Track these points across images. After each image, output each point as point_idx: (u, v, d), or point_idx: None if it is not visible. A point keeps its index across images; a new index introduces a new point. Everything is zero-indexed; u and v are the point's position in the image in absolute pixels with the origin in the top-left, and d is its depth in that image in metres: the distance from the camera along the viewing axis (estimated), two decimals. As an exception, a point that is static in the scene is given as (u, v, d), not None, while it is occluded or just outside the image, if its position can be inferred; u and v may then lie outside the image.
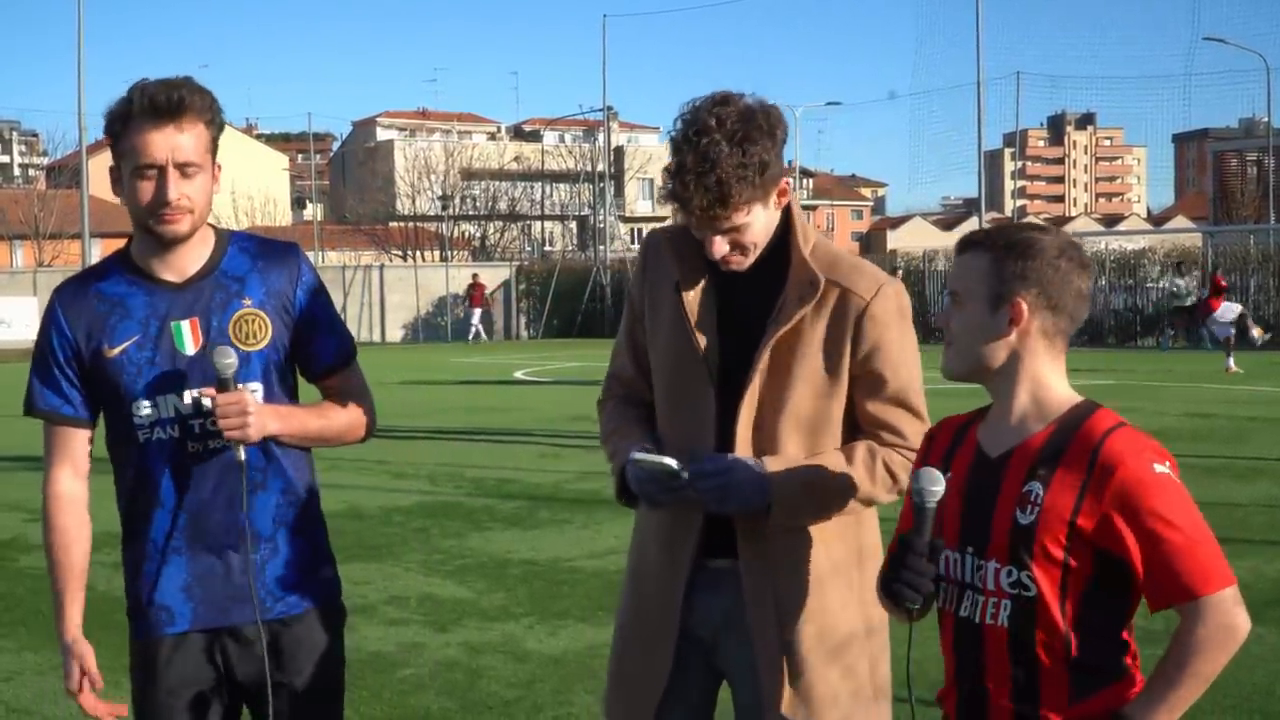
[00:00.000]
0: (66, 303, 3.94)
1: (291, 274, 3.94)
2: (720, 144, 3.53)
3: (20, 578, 10.85)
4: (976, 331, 3.19)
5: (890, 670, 3.99)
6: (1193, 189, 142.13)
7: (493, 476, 14.99)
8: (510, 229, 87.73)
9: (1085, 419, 3.15)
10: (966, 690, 3.22)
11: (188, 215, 3.76)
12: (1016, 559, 3.10)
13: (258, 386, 3.86)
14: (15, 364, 42.02)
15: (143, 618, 4.00)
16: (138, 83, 3.75)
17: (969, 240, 3.25)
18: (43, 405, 4.00)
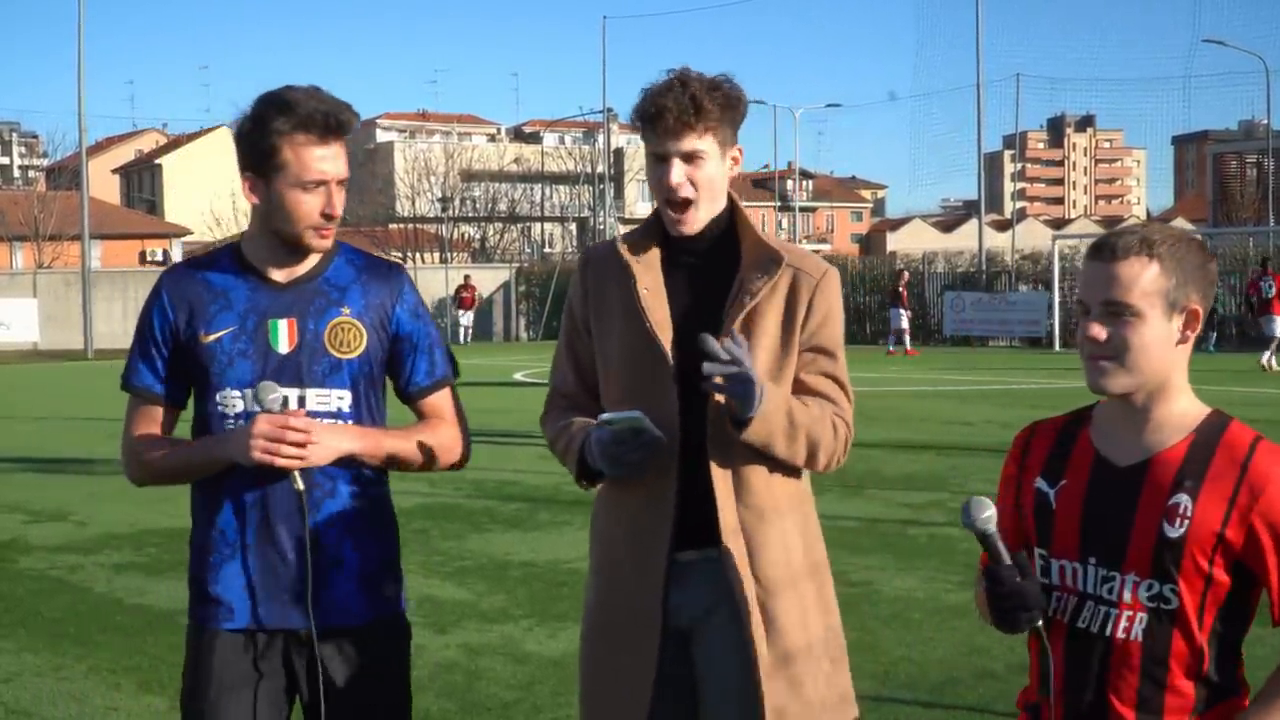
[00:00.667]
0: (172, 285, 4.02)
1: (393, 291, 4.01)
2: (696, 78, 3.82)
3: (20, 579, 10.84)
4: (1155, 344, 3.06)
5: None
6: (1192, 191, 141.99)
7: (492, 478, 14.98)
8: (510, 230, 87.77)
9: (1224, 429, 3.11)
10: (1081, 701, 3.16)
11: (331, 227, 3.88)
12: (1161, 572, 3.05)
13: (345, 394, 3.91)
14: (15, 365, 42.16)
15: (202, 607, 3.98)
16: (287, 94, 3.82)
17: (1122, 247, 3.07)
18: (136, 383, 4.04)
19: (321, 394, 3.89)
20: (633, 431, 3.72)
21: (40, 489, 15.20)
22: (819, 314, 3.89)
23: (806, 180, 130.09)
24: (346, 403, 3.91)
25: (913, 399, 25.48)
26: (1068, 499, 3.17)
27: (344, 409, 3.90)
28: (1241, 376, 29.23)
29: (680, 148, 3.80)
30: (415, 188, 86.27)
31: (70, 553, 11.76)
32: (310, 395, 3.88)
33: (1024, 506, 3.29)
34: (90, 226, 51.33)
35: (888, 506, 13.27)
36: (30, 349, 49.39)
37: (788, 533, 3.92)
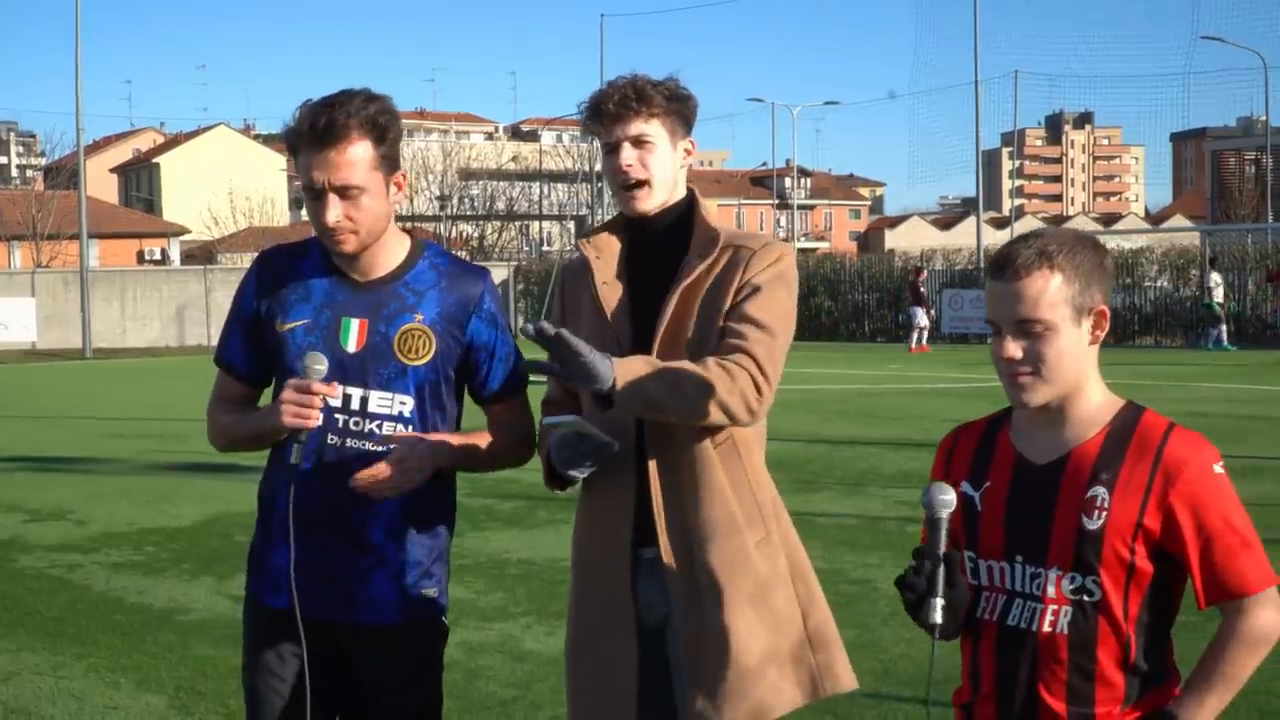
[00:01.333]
0: (263, 268, 4.10)
1: (471, 299, 4.03)
2: (641, 77, 3.98)
3: (20, 578, 10.84)
4: (1070, 352, 3.12)
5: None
6: (1191, 188, 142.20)
7: (491, 476, 14.89)
8: (508, 229, 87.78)
9: (1138, 420, 3.17)
10: (1014, 698, 3.19)
11: (352, 236, 3.86)
12: (1083, 564, 3.09)
13: (408, 399, 3.95)
14: (13, 365, 42.15)
15: (256, 580, 4.08)
16: (305, 102, 3.85)
17: (1021, 263, 3.10)
18: (221, 357, 4.14)
19: (384, 397, 3.93)
20: (578, 435, 3.77)
21: (39, 488, 15.17)
22: (748, 275, 3.90)
23: (804, 178, 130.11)
24: (409, 408, 3.95)
25: (911, 397, 25.48)
26: (991, 500, 3.22)
27: (405, 413, 3.95)
28: (1245, 376, 29.20)
29: (628, 132, 3.93)
30: (413, 186, 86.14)
31: (69, 552, 11.75)
32: (373, 397, 3.93)
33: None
34: (88, 226, 51.26)
35: (886, 504, 13.26)
36: (28, 348, 49.36)
37: (746, 546, 3.91)
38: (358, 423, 3.91)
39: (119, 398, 28.34)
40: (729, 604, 3.86)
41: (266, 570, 4.02)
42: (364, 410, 3.92)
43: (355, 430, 3.91)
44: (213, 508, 13.14)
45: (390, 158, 3.90)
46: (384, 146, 3.86)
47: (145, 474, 16.02)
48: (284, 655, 3.98)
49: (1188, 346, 40.76)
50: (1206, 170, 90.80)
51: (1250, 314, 42.94)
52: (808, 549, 4.20)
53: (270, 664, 3.99)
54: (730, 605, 3.86)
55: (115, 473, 16.25)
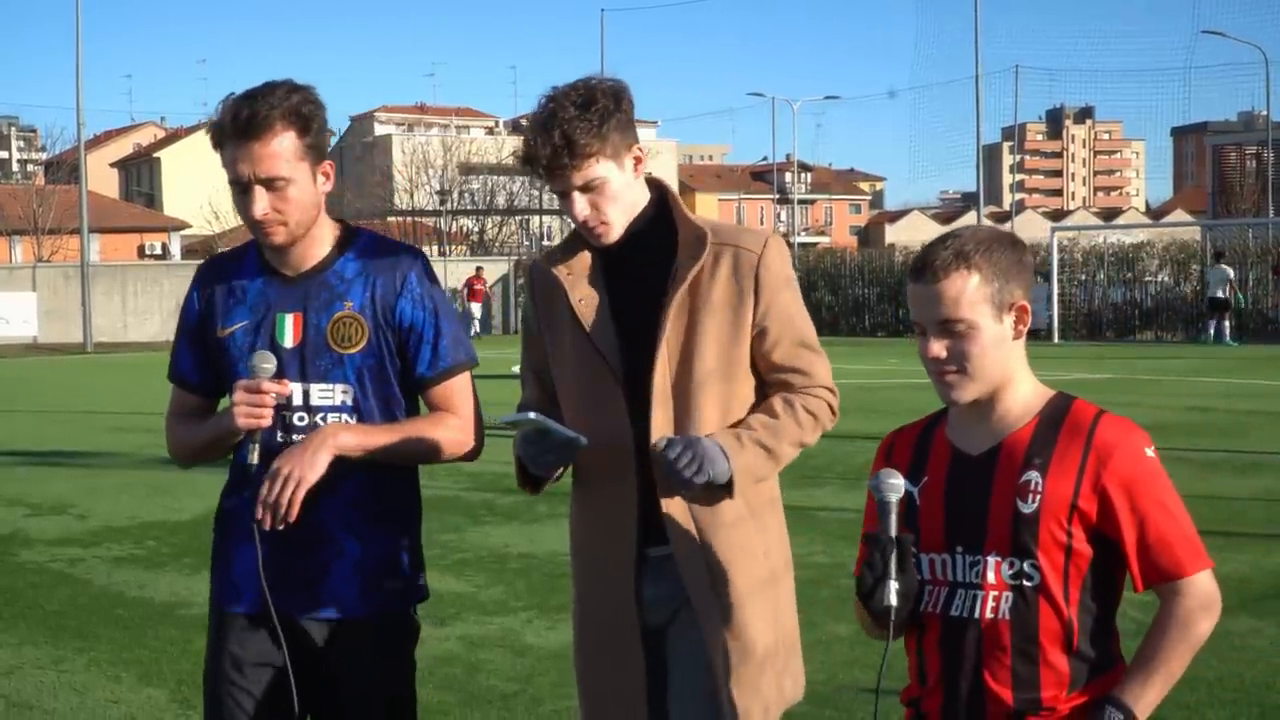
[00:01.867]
0: (202, 279, 4.11)
1: (399, 280, 3.97)
2: (564, 105, 3.74)
3: (21, 572, 10.85)
4: (993, 349, 3.17)
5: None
6: (1191, 183, 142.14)
7: (491, 471, 14.83)
8: (509, 223, 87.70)
9: (1068, 407, 3.22)
10: (960, 688, 3.22)
11: (281, 228, 3.84)
12: (1020, 549, 3.13)
13: (348, 388, 3.92)
14: (14, 359, 42.15)
15: (218, 587, 4.07)
16: (227, 96, 3.85)
17: (941, 264, 3.16)
18: (174, 373, 4.15)
19: (324, 389, 3.91)
20: (538, 432, 3.73)
21: (40, 482, 15.21)
22: (768, 290, 3.85)
23: (805, 173, 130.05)
24: (350, 397, 3.92)
25: (912, 391, 25.45)
26: (930, 494, 3.26)
27: (346, 403, 3.92)
28: (1243, 371, 29.20)
29: (573, 183, 3.79)
30: (413, 181, 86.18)
31: (70, 546, 11.75)
32: (313, 390, 3.91)
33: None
34: (89, 220, 51.30)
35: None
36: (29, 343, 49.37)
37: (752, 534, 3.90)
38: (302, 417, 3.90)
39: (120, 392, 28.33)
40: (744, 596, 3.85)
41: (229, 577, 4.01)
42: (306, 404, 3.91)
43: (300, 426, 3.90)
44: (214, 502, 12.84)
45: (316, 147, 3.87)
46: (309, 136, 3.84)
47: (146, 468, 16.01)
48: (246, 661, 3.96)
49: (1188, 341, 40.74)
50: (1207, 165, 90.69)
51: (1251, 309, 42.91)
52: (810, 543, 4.21)
53: (230, 672, 3.97)
54: (745, 597, 3.85)
55: (116, 467, 16.26)
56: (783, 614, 3.99)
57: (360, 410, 3.93)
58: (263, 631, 3.92)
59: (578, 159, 3.73)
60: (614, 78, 3.86)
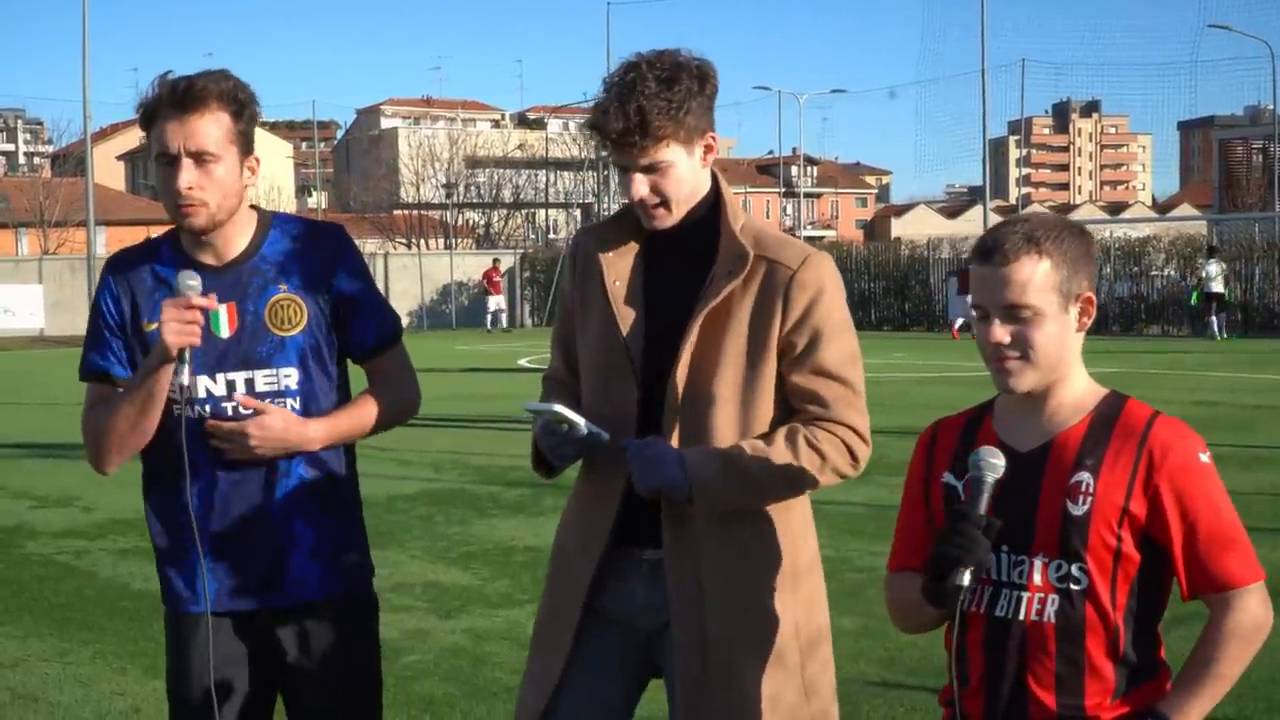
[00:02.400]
0: (117, 273, 4.02)
1: (330, 257, 3.98)
2: (646, 79, 3.59)
3: (26, 564, 10.87)
4: (1057, 338, 3.10)
5: (833, 684, 3.91)
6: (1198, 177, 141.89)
7: (497, 463, 15.00)
8: (514, 217, 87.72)
9: (1122, 406, 3.16)
10: (1001, 690, 3.15)
11: (202, 208, 3.80)
12: (1068, 551, 3.07)
13: (292, 371, 3.91)
14: (21, 352, 42.16)
15: (169, 592, 4.05)
16: (161, 75, 3.83)
17: (1009, 248, 3.08)
18: (93, 367, 4.02)
19: (268, 374, 3.89)
20: (561, 423, 3.68)
21: (46, 474, 15.24)
22: (798, 308, 3.67)
23: (811, 166, 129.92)
24: (294, 380, 3.91)
25: (918, 385, 25.48)
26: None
27: (291, 386, 3.91)
28: (1249, 365, 29.17)
29: (638, 163, 3.66)
30: (420, 174, 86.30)
31: (76, 538, 11.78)
32: (258, 377, 3.89)
33: (933, 504, 3.30)
34: (95, 213, 51.32)
35: (894, 492, 13.16)
36: (36, 335, 49.38)
37: (762, 537, 3.77)
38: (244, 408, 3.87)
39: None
40: (740, 597, 3.73)
41: (180, 577, 3.98)
42: (251, 392, 3.88)
43: (244, 415, 3.86)
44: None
45: (246, 136, 3.86)
46: (241, 123, 3.83)
47: (152, 461, 15.92)
48: (220, 659, 3.93)
49: (1194, 336, 40.68)
50: (1214, 159, 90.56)
51: (1257, 303, 42.85)
52: (814, 537, 4.12)
53: (199, 675, 3.94)
54: (739, 598, 3.73)
55: (122, 459, 16.22)
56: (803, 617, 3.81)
57: (305, 392, 3.92)
58: (216, 631, 3.90)
59: (649, 140, 3.61)
60: (702, 57, 3.71)
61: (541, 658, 3.91)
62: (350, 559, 4.04)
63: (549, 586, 4.00)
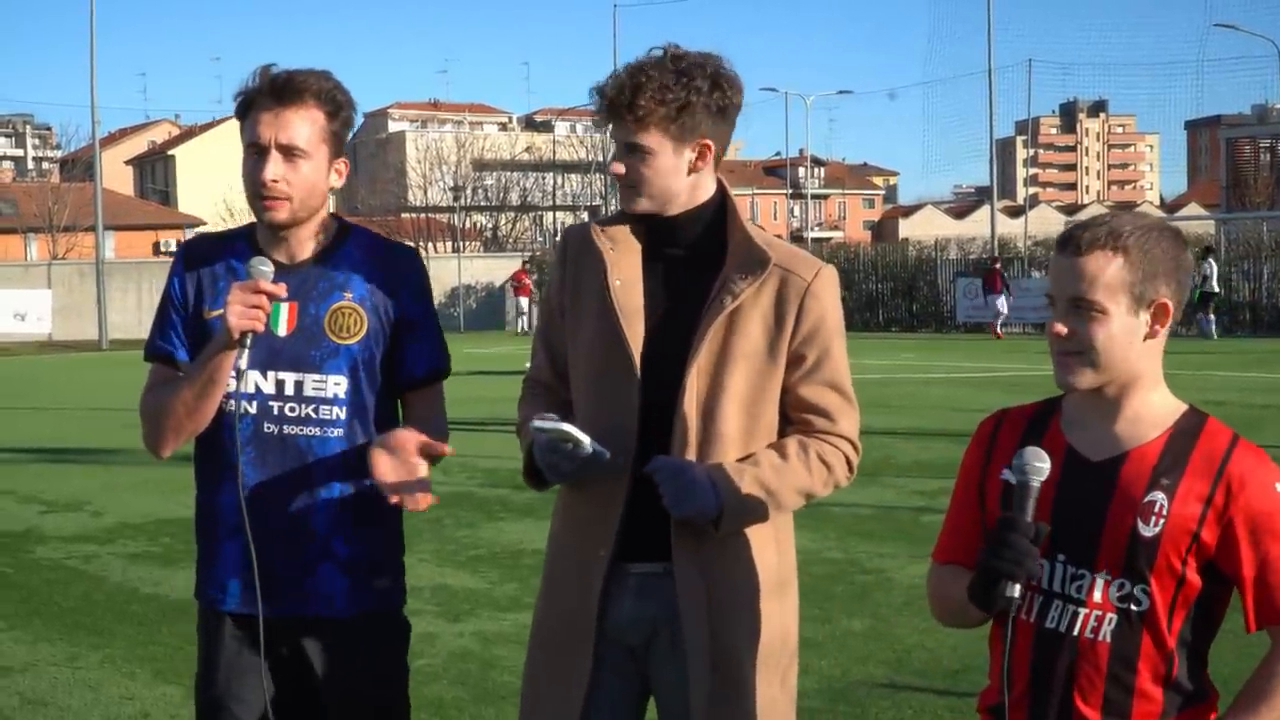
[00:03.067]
0: (189, 256, 4.03)
1: (399, 277, 3.94)
2: (662, 65, 3.60)
3: (36, 568, 10.88)
4: (1122, 339, 2.99)
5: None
6: (1205, 176, 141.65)
7: (506, 467, 14.85)
8: (522, 220, 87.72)
9: (1202, 427, 3.05)
10: (1047, 703, 3.08)
11: (285, 203, 3.79)
12: (1133, 571, 2.99)
13: (342, 380, 3.87)
14: (30, 357, 42.23)
15: (204, 586, 4.02)
16: (260, 68, 3.83)
17: (1086, 241, 2.99)
18: (157, 350, 4.00)
19: (318, 379, 3.86)
20: (565, 441, 3.59)
21: (56, 479, 15.22)
22: (811, 318, 3.66)
23: (818, 167, 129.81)
24: (343, 389, 3.87)
25: (925, 386, 25.47)
26: (1039, 494, 3.05)
27: (340, 395, 3.87)
28: (1257, 364, 29.14)
29: (620, 137, 3.67)
30: (427, 177, 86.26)
31: (86, 543, 11.78)
32: (307, 380, 3.86)
33: (988, 501, 3.19)
34: (104, 218, 51.35)
35: (901, 494, 13.26)
36: (45, 340, 49.44)
37: (755, 546, 3.72)
38: (294, 408, 3.84)
39: (135, 389, 27.89)
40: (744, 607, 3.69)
41: (214, 575, 3.96)
42: (299, 395, 3.85)
43: (292, 416, 3.84)
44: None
45: (338, 137, 3.86)
46: (335, 124, 3.83)
47: (162, 465, 15.78)
48: (239, 660, 3.92)
49: (1202, 335, 40.64)
50: (1221, 158, 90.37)
51: (1265, 302, 42.79)
52: (823, 539, 4.15)
53: (220, 674, 3.94)
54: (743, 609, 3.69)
55: (132, 464, 16.22)
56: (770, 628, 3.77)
57: (353, 403, 3.88)
58: (243, 632, 3.88)
59: (632, 117, 3.60)
60: (733, 72, 3.69)
61: (559, 679, 3.81)
62: (382, 579, 4.01)
63: (547, 598, 3.93)
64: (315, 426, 3.86)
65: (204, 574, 4.01)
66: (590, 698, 3.75)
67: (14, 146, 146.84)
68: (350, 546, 3.92)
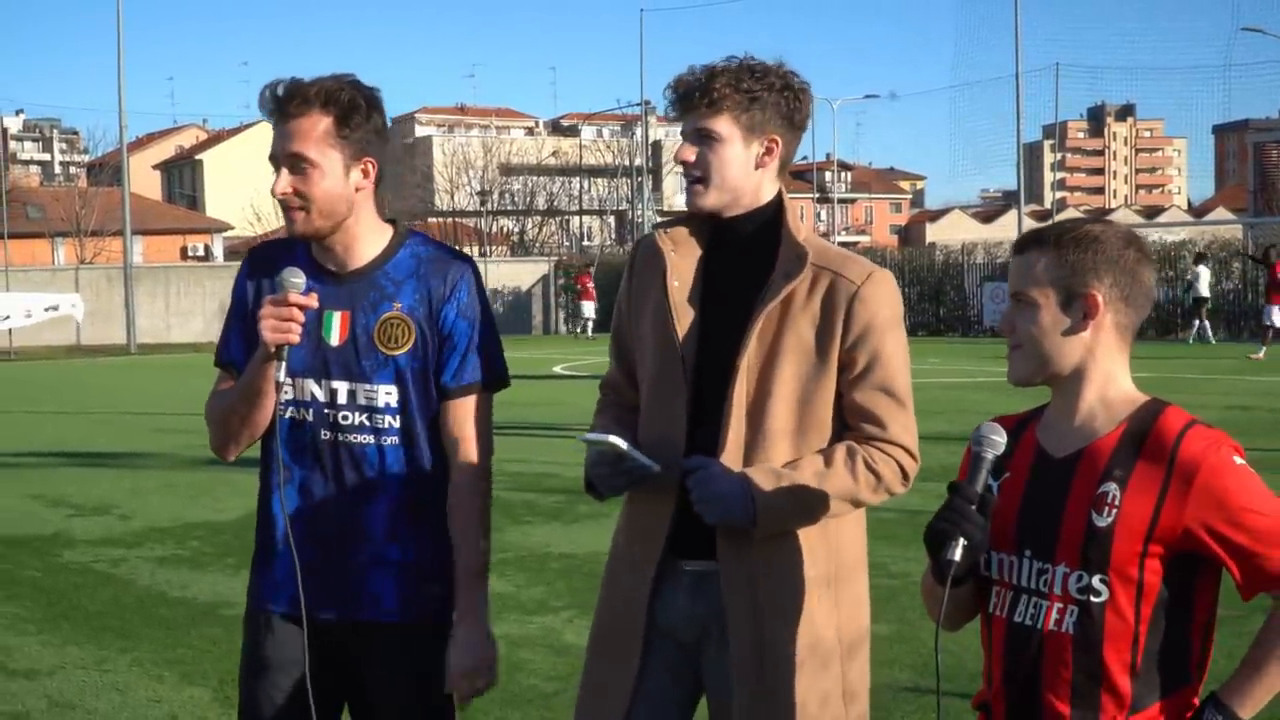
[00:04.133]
0: (254, 263, 4.05)
1: (448, 286, 3.92)
2: (737, 63, 3.74)
3: (64, 572, 10.92)
4: (1050, 331, 3.10)
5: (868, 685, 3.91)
6: (1233, 180, 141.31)
7: (532, 470, 15.08)
8: (549, 224, 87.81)
9: (1157, 417, 3.08)
10: (1019, 695, 3.14)
11: (300, 214, 3.80)
12: (1089, 563, 3.03)
13: (392, 389, 3.89)
14: (58, 361, 42.38)
15: (255, 587, 4.05)
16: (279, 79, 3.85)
17: (1029, 239, 3.15)
18: (225, 357, 4.05)
19: (369, 389, 3.88)
20: (615, 455, 3.67)
21: (83, 483, 15.28)
22: (859, 324, 3.68)
23: (845, 172, 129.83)
24: (394, 398, 3.89)
25: (952, 390, 25.42)
26: (1008, 491, 3.18)
27: (391, 404, 3.89)
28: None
29: (692, 124, 3.74)
30: (454, 181, 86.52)
31: (114, 546, 11.83)
32: (359, 390, 3.88)
33: None
34: (131, 222, 51.54)
35: (926, 498, 13.12)
36: (73, 344, 49.60)
37: (803, 542, 3.75)
38: (346, 416, 3.88)
39: (163, 393, 28.44)
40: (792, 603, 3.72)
41: (269, 576, 3.99)
42: (352, 403, 3.88)
43: (345, 424, 3.88)
44: (256, 502, 13.02)
45: (354, 140, 3.80)
46: (346, 127, 3.78)
47: (189, 469, 16.06)
48: (280, 663, 3.93)
49: (1230, 340, 40.50)
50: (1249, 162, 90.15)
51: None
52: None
53: (263, 673, 3.96)
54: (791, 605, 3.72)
55: (159, 467, 16.32)
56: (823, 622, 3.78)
57: (404, 411, 3.90)
58: (298, 633, 3.88)
59: (706, 101, 3.70)
60: (805, 84, 3.82)
61: (608, 670, 3.88)
62: (433, 588, 4.01)
63: (604, 594, 4.00)
64: (369, 434, 3.89)
65: (258, 573, 4.05)
66: (638, 688, 3.81)
67: (41, 151, 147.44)
68: (404, 553, 3.94)
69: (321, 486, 3.91)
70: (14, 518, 13.40)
